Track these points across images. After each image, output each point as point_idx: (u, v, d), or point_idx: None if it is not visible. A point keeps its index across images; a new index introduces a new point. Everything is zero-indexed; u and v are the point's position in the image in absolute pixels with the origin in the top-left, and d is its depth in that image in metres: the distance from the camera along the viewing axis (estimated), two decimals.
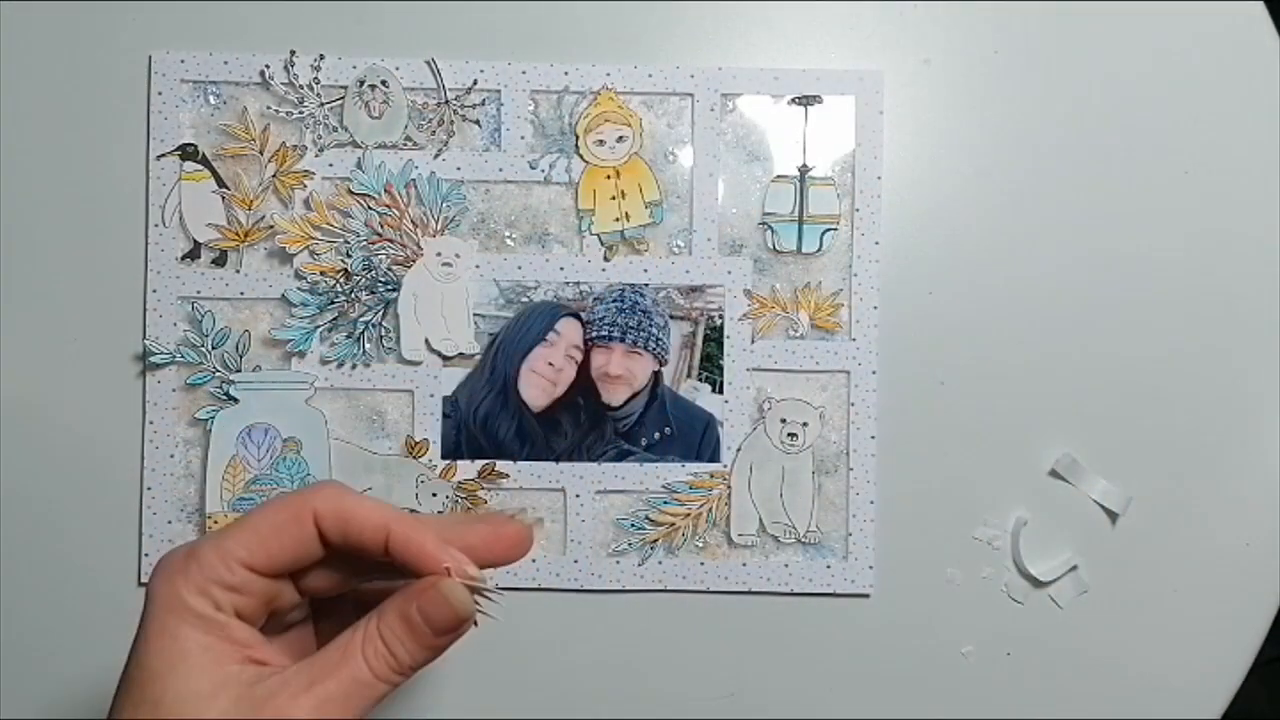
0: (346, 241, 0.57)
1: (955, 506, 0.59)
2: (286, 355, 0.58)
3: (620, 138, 0.58)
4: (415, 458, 0.58)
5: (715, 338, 0.59)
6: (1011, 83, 0.59)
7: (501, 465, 0.58)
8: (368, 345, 0.58)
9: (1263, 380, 0.59)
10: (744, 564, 0.59)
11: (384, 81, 0.58)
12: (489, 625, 0.38)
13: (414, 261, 0.58)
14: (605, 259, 0.58)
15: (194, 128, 0.58)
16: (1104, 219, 0.59)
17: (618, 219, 0.58)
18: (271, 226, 0.58)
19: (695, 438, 0.59)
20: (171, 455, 0.58)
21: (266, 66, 0.58)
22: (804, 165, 0.59)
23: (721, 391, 0.59)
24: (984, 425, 0.59)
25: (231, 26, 0.58)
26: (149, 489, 0.57)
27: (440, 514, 0.57)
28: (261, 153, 0.58)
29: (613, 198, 0.58)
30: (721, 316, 0.59)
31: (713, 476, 0.58)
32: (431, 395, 0.58)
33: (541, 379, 0.58)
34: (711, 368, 0.59)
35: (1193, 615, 0.59)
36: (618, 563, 0.58)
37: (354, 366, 0.58)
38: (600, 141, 0.58)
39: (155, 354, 0.57)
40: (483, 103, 0.58)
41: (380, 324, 0.58)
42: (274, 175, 0.58)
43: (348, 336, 0.58)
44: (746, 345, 0.59)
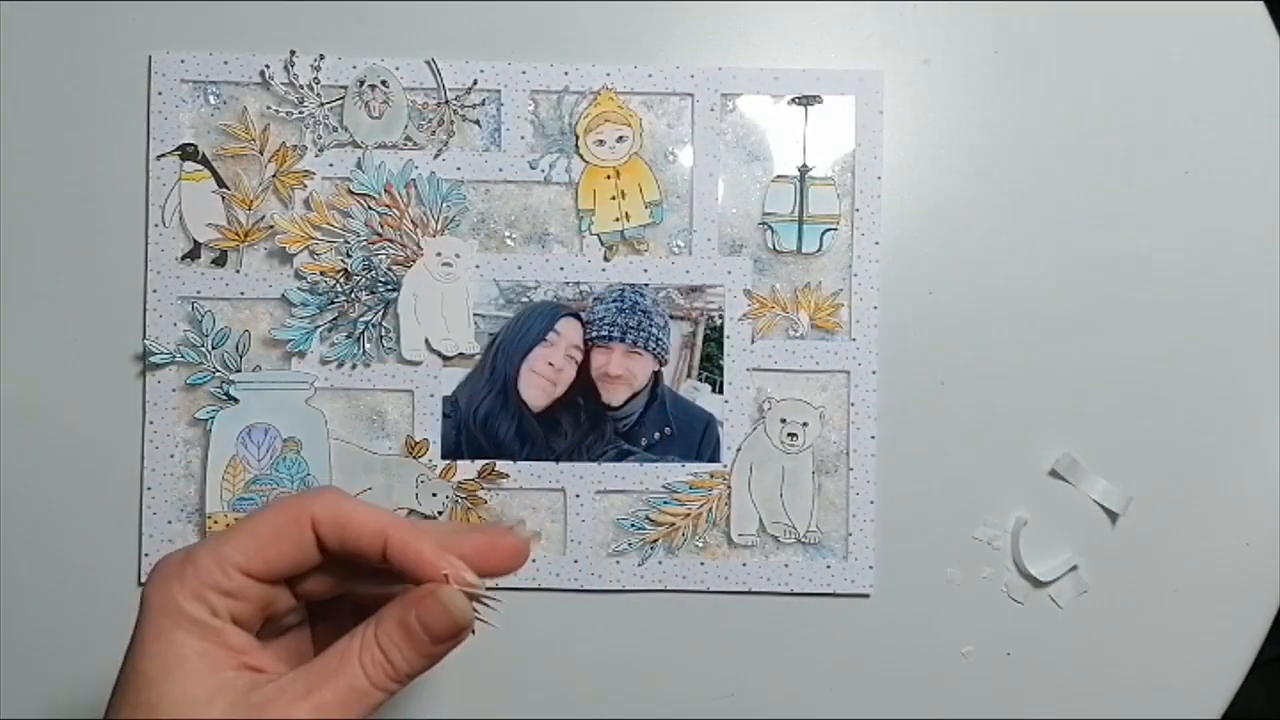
0: (346, 241, 0.57)
1: (955, 506, 0.59)
2: (286, 355, 0.58)
3: (620, 138, 0.58)
4: (415, 458, 0.58)
5: (715, 338, 0.59)
6: (1011, 83, 0.59)
7: (501, 465, 0.58)
8: (368, 345, 0.58)
9: (1263, 380, 0.59)
10: (744, 564, 0.59)
11: (384, 81, 0.58)
12: (494, 616, 0.38)
13: (414, 261, 0.58)
14: (605, 259, 0.58)
15: (194, 128, 0.58)
16: (1104, 219, 0.59)
17: (618, 219, 0.58)
18: (271, 226, 0.58)
19: (695, 438, 0.58)
20: (171, 455, 0.58)
21: (266, 66, 0.58)
22: (804, 165, 0.59)
23: (721, 391, 0.59)
24: (984, 425, 0.59)
25: (231, 26, 0.58)
26: (149, 489, 0.57)
27: (438, 518, 0.57)
28: (261, 153, 0.58)
29: (613, 198, 0.58)
30: (721, 316, 0.59)
31: (713, 476, 0.58)
32: (431, 395, 0.58)
33: (541, 379, 0.58)
34: (711, 368, 0.59)
35: (1193, 615, 0.59)
36: (618, 563, 0.58)
37: (354, 366, 0.58)
38: (600, 141, 0.58)
39: (155, 354, 0.57)
40: (483, 103, 0.58)
41: (380, 324, 0.58)
42: (274, 175, 0.58)
43: (348, 336, 0.58)
44: (746, 345, 0.59)
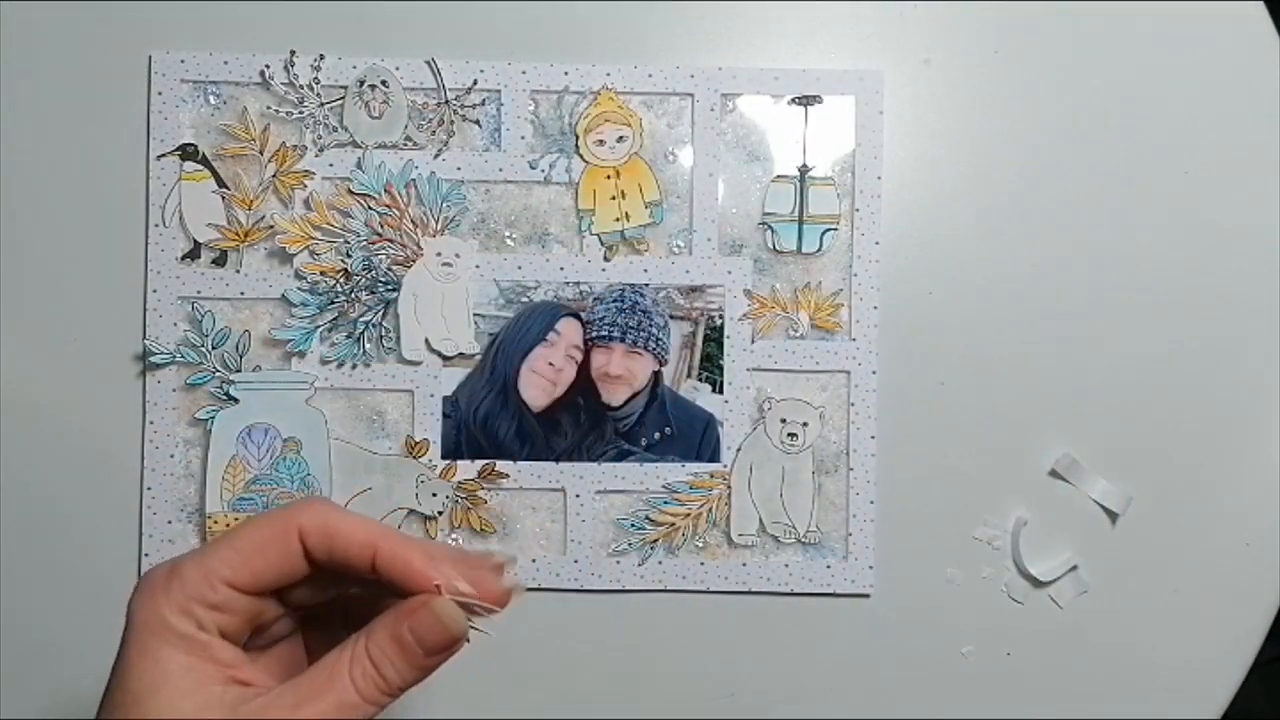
0: (346, 241, 0.57)
1: (955, 506, 0.59)
2: (286, 355, 0.58)
3: (620, 138, 0.58)
4: (415, 458, 0.58)
5: (715, 338, 0.59)
6: (1011, 83, 0.59)
7: (501, 465, 0.58)
8: (368, 345, 0.58)
9: (1263, 380, 0.59)
10: (744, 564, 0.58)
11: (384, 81, 0.58)
12: (489, 624, 0.38)
13: (414, 261, 0.58)
14: (605, 259, 0.58)
15: (194, 128, 0.58)
16: (1104, 219, 0.59)
17: (618, 219, 0.58)
18: (271, 226, 0.58)
19: (695, 438, 0.58)
20: (171, 455, 0.58)
21: (266, 66, 0.58)
22: (804, 165, 0.59)
23: (721, 391, 0.59)
24: (984, 425, 0.59)
25: (231, 26, 0.58)
26: (149, 489, 0.57)
27: (438, 518, 0.57)
28: (261, 153, 0.58)
29: (613, 198, 0.58)
30: (721, 316, 0.59)
31: (713, 476, 0.58)
32: (431, 395, 0.58)
33: (541, 379, 0.58)
34: (711, 368, 0.59)
35: (1193, 615, 0.59)
36: (618, 563, 0.58)
37: (354, 366, 0.58)
38: (600, 141, 0.58)
39: (155, 354, 0.57)
40: (483, 103, 0.58)
41: (380, 324, 0.58)
42: (274, 175, 0.58)
43: (348, 336, 0.58)
44: (746, 345, 0.59)
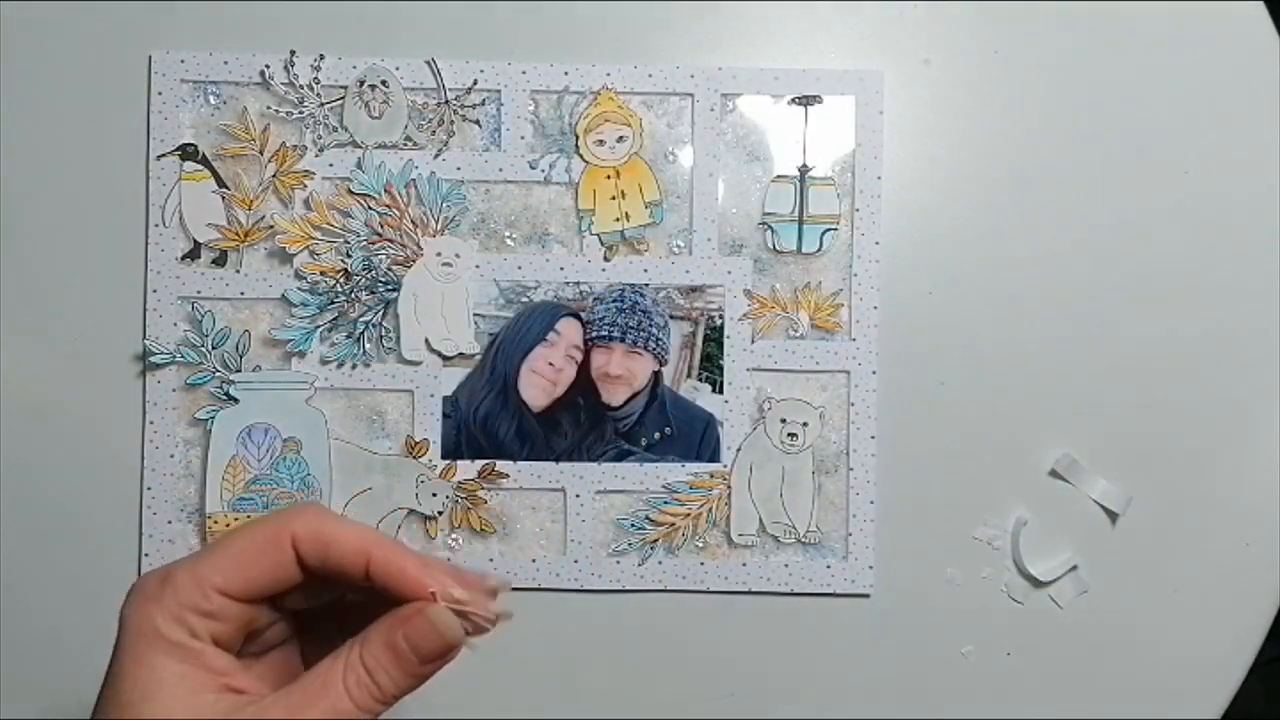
0: (346, 241, 0.57)
1: (955, 506, 0.59)
2: (286, 355, 0.58)
3: (620, 138, 0.58)
4: (415, 458, 0.58)
5: (715, 338, 0.59)
6: (1011, 83, 0.59)
7: (501, 465, 0.58)
8: (368, 345, 0.58)
9: (1263, 380, 0.59)
10: (744, 564, 0.58)
11: (384, 81, 0.58)
12: (485, 633, 0.37)
13: (414, 261, 0.58)
14: (605, 259, 0.58)
15: (194, 128, 0.58)
16: (1104, 219, 0.59)
17: (618, 219, 0.58)
18: (271, 226, 0.57)
19: (695, 438, 0.58)
20: (171, 455, 0.57)
21: (266, 66, 0.58)
22: (804, 165, 0.59)
23: (721, 391, 0.59)
24: (984, 425, 0.59)
25: (231, 26, 0.58)
26: (149, 489, 0.57)
27: (438, 518, 0.57)
28: (261, 153, 0.58)
29: (613, 198, 0.58)
30: (721, 316, 0.59)
31: (713, 476, 0.58)
32: (431, 395, 0.58)
33: (541, 379, 0.58)
34: (711, 368, 0.59)
35: (1193, 615, 0.59)
36: (618, 563, 0.58)
37: (354, 366, 0.58)
38: (600, 141, 0.58)
39: (155, 354, 0.57)
40: (483, 103, 0.58)
41: (380, 324, 0.58)
42: (274, 175, 0.58)
43: (348, 336, 0.58)
44: (746, 345, 0.59)
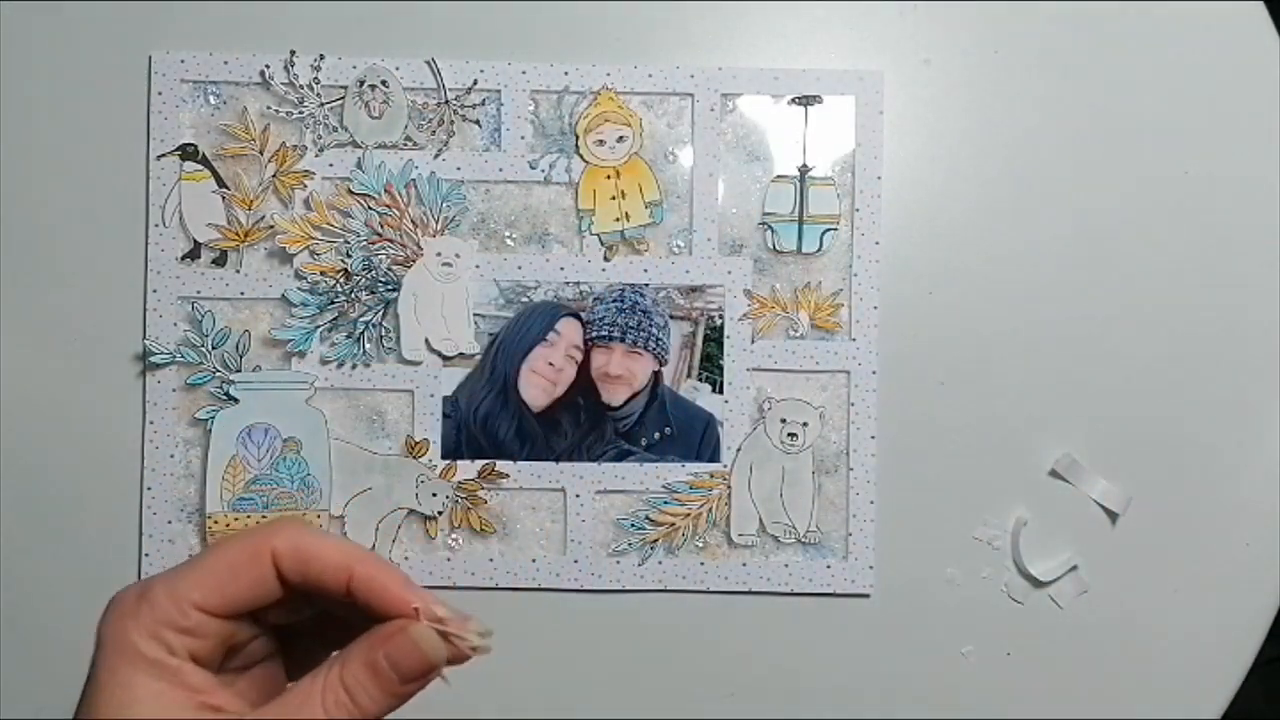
0: (346, 241, 0.57)
1: (955, 506, 0.59)
2: (286, 355, 0.58)
3: (620, 138, 0.58)
4: (415, 458, 0.58)
5: (715, 338, 0.59)
6: (1011, 83, 0.59)
7: (501, 465, 0.58)
8: (368, 345, 0.58)
9: (1263, 380, 0.59)
10: (744, 564, 0.58)
11: (384, 81, 0.58)
12: (489, 623, 0.36)
13: (414, 261, 0.58)
14: (605, 259, 0.58)
15: (194, 128, 0.58)
16: (1104, 219, 0.59)
17: (618, 219, 0.58)
18: (271, 226, 0.57)
19: (695, 438, 0.58)
20: (171, 455, 0.57)
21: (266, 66, 0.58)
22: (804, 165, 0.59)
23: (721, 391, 0.58)
24: (984, 425, 0.59)
25: (231, 26, 0.58)
26: (149, 489, 0.57)
27: (438, 518, 0.57)
28: (261, 153, 0.58)
29: (613, 198, 0.58)
30: (721, 316, 0.59)
31: (713, 476, 0.58)
32: (431, 395, 0.58)
33: (541, 379, 0.58)
34: (711, 368, 0.59)
35: (1193, 615, 0.59)
36: (618, 563, 0.58)
37: (354, 366, 0.58)
38: (600, 141, 0.58)
39: (155, 354, 0.57)
40: (483, 103, 0.58)
41: (380, 324, 0.58)
42: (274, 175, 0.58)
43: (348, 336, 0.58)
44: (746, 345, 0.59)
